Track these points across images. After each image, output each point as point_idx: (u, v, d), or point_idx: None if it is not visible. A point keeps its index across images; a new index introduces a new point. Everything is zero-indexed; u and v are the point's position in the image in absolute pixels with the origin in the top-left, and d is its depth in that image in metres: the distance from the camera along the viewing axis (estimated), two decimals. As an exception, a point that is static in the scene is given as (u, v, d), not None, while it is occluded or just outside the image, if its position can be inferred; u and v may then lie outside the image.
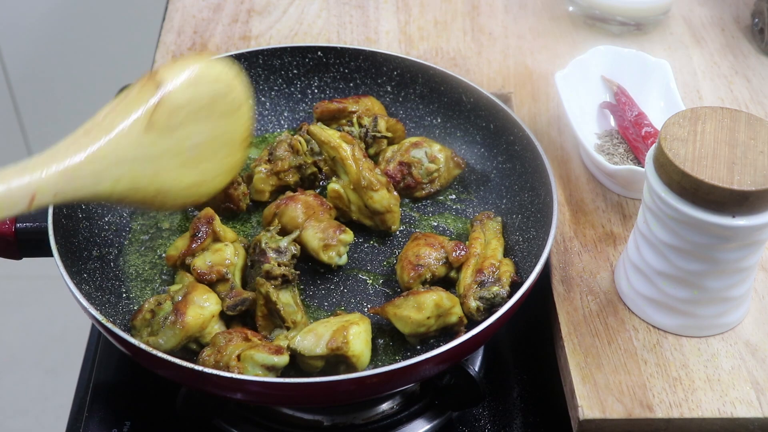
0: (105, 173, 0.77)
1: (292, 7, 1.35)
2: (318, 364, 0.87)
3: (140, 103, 0.79)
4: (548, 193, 0.96)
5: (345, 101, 1.10)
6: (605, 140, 1.11)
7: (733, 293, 0.89)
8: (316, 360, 0.86)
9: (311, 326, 0.88)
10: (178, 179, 0.84)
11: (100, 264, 0.97)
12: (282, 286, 0.91)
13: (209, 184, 0.89)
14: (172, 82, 0.80)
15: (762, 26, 1.29)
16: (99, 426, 0.94)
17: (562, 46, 1.29)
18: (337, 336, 0.85)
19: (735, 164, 0.81)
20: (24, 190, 0.71)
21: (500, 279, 0.93)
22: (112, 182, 0.78)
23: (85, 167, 0.75)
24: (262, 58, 1.13)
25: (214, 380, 0.80)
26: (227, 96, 0.86)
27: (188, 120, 0.82)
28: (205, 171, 0.87)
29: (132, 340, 0.81)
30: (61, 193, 0.74)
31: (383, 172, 1.03)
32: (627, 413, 0.85)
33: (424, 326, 0.89)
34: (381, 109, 1.12)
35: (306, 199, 0.98)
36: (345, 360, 0.86)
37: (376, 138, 1.08)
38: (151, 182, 0.82)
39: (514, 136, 1.05)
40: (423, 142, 1.07)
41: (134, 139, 0.78)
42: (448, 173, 1.07)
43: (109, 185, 0.78)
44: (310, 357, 0.86)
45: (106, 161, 0.76)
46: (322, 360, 0.86)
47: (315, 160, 1.05)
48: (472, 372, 0.88)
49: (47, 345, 2.14)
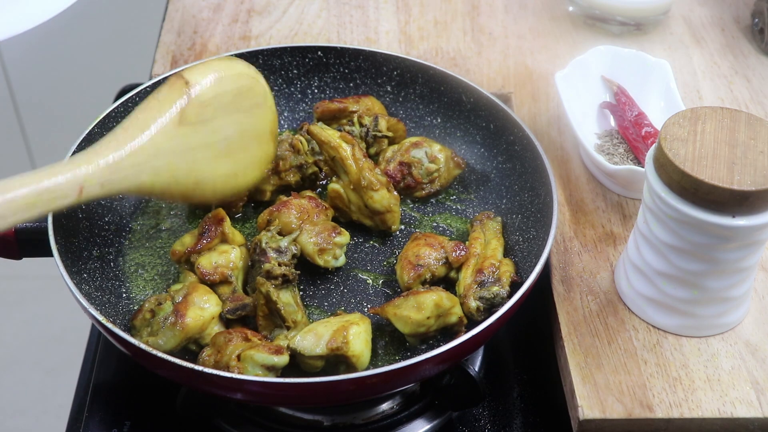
0: (145, 165, 0.83)
1: (292, 7, 1.35)
2: (318, 364, 0.87)
3: (172, 100, 0.85)
4: (548, 193, 0.96)
5: (345, 101, 1.10)
6: (605, 140, 1.11)
7: (733, 293, 0.89)
8: (316, 360, 0.86)
9: (311, 326, 0.88)
10: (214, 170, 0.91)
11: (100, 264, 0.97)
12: (282, 285, 0.91)
13: (244, 175, 0.95)
14: (199, 80, 0.87)
15: (762, 26, 1.29)
16: (99, 426, 0.94)
17: (562, 46, 1.29)
18: (337, 336, 0.85)
19: (735, 164, 0.81)
20: (72, 183, 0.78)
21: (500, 279, 0.93)
22: (152, 174, 0.84)
23: (126, 160, 0.81)
24: (262, 58, 1.13)
25: (214, 380, 0.80)
26: (251, 90, 0.93)
27: (217, 114, 0.89)
28: (238, 162, 0.93)
29: (133, 340, 0.81)
30: (107, 183, 0.80)
31: (383, 172, 1.03)
32: (627, 413, 0.85)
33: (424, 326, 0.89)
34: (381, 109, 1.12)
35: (300, 202, 0.98)
36: (345, 360, 0.86)
37: (377, 138, 1.08)
38: (189, 174, 0.88)
39: (514, 136, 1.05)
40: (423, 142, 1.07)
41: (169, 133, 0.85)
42: (448, 173, 1.07)
43: (150, 177, 0.84)
44: (310, 357, 0.86)
45: (145, 154, 0.83)
46: (322, 360, 0.86)
47: (316, 159, 1.05)
48: (472, 372, 0.88)
49: (47, 345, 2.14)
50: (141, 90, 1.07)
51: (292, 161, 1.04)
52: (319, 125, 1.02)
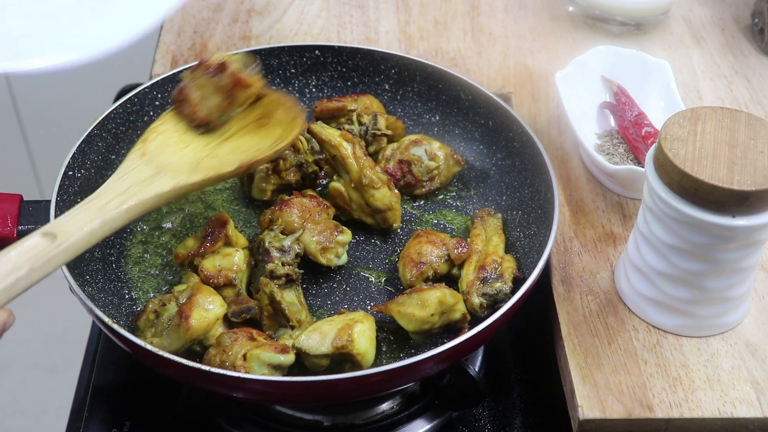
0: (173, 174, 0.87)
1: (292, 7, 1.35)
2: (323, 363, 0.87)
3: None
4: (548, 189, 0.96)
5: (344, 99, 1.10)
6: (605, 140, 1.11)
7: (733, 293, 0.89)
8: (321, 358, 0.86)
9: (316, 325, 0.88)
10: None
11: (101, 265, 0.97)
12: (286, 285, 0.91)
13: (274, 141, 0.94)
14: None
15: (762, 26, 1.29)
16: (99, 426, 0.94)
17: (562, 46, 1.29)
18: (342, 334, 0.85)
19: (735, 164, 0.81)
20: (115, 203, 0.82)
21: (503, 275, 0.93)
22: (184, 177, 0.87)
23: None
24: (260, 58, 1.13)
25: (220, 380, 0.80)
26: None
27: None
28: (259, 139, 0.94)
29: (139, 341, 0.81)
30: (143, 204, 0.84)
31: (383, 170, 1.04)
32: (627, 413, 0.85)
33: (428, 323, 0.89)
34: (380, 108, 1.12)
35: (301, 201, 0.98)
36: (350, 358, 0.86)
37: (376, 136, 1.08)
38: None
39: (513, 132, 1.05)
40: (422, 139, 1.07)
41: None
42: (448, 170, 1.07)
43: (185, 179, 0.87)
44: (315, 356, 0.86)
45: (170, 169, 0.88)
46: (327, 358, 0.86)
47: (316, 158, 1.05)
48: (472, 372, 0.88)
49: (47, 345, 2.13)
50: (141, 90, 1.07)
51: (292, 160, 1.04)
52: (319, 124, 1.02)
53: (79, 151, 0.99)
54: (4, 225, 0.94)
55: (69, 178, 0.97)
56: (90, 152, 1.01)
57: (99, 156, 1.02)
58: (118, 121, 1.05)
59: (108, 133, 1.04)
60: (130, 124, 1.06)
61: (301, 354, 0.86)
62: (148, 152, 0.88)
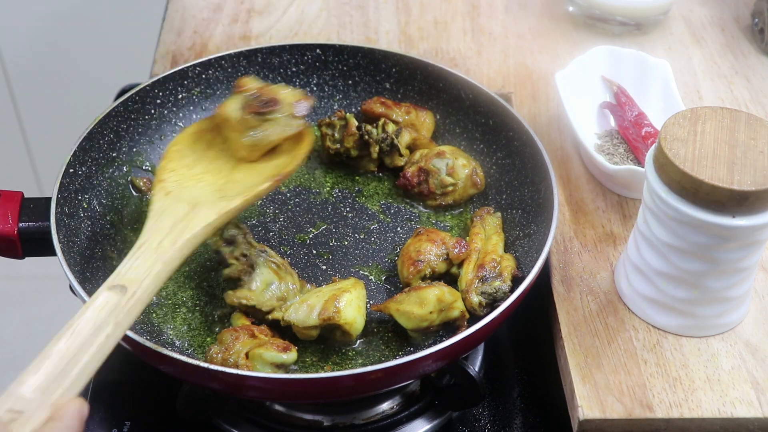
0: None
1: (292, 7, 1.35)
2: (313, 333, 0.89)
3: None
4: (548, 188, 0.96)
5: (394, 109, 1.10)
6: (605, 140, 1.11)
7: (733, 293, 0.89)
8: (310, 330, 0.88)
9: (304, 296, 0.90)
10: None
11: (102, 263, 0.96)
12: (249, 269, 0.91)
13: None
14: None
15: (762, 26, 1.30)
16: (99, 426, 0.94)
17: (562, 46, 1.29)
18: (329, 306, 0.88)
19: (735, 164, 0.81)
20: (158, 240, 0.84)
21: (502, 274, 0.93)
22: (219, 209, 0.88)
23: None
24: (261, 57, 1.13)
25: (219, 377, 0.80)
26: None
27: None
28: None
29: (138, 338, 0.81)
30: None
31: (402, 174, 1.05)
32: (627, 413, 0.85)
33: (426, 321, 0.89)
34: (429, 127, 1.11)
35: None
36: (338, 327, 0.88)
37: (393, 149, 1.07)
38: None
39: (514, 131, 1.05)
40: (449, 152, 1.06)
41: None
42: (464, 191, 1.05)
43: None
44: (305, 327, 0.88)
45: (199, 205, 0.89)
46: (316, 329, 0.88)
47: (381, 143, 1.07)
48: (472, 372, 0.88)
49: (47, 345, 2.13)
50: (142, 88, 1.07)
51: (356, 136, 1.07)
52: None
53: (80, 148, 0.99)
54: (5, 222, 0.94)
55: (70, 175, 0.97)
56: (91, 149, 1.01)
57: (100, 153, 1.02)
58: (120, 119, 1.05)
59: (109, 131, 1.04)
60: (131, 122, 1.06)
61: (291, 326, 0.88)
62: (171, 191, 0.89)
